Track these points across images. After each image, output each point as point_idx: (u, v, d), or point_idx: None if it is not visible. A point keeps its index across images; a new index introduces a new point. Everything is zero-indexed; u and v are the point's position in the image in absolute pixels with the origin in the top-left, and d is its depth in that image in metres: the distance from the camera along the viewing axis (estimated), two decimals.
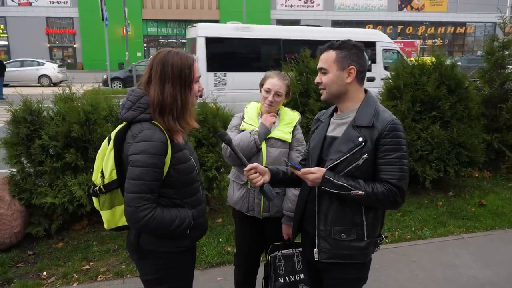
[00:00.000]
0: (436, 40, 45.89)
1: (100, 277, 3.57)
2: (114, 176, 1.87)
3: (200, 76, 1.96)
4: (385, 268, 3.80)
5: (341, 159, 1.91)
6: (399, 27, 44.51)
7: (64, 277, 3.56)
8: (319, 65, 2.00)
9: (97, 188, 1.90)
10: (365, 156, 1.88)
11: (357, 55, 1.95)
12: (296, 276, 2.59)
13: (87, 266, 3.73)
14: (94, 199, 1.96)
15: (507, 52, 6.58)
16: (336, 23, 42.80)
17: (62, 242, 4.18)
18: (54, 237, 4.21)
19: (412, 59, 6.00)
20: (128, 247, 2.03)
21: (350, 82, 1.95)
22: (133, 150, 1.78)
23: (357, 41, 2.00)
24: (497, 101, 6.49)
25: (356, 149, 1.88)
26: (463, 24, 45.46)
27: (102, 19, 17.85)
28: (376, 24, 43.99)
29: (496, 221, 4.86)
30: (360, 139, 1.88)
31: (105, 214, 1.96)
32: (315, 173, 1.90)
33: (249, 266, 2.90)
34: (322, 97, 2.04)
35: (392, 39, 14.64)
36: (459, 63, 14.16)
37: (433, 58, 5.72)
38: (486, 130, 6.26)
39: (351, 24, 43.59)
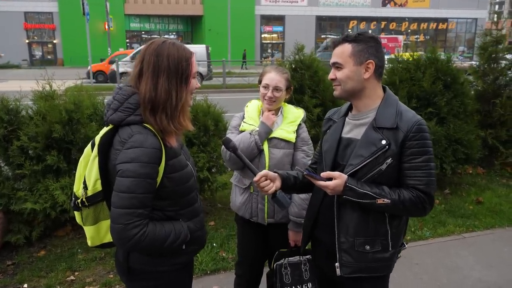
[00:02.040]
0: (419, 36, 46.32)
1: None
2: (99, 187, 1.62)
3: (197, 72, 1.73)
4: None
5: (362, 164, 1.72)
6: (383, 23, 44.80)
7: None
8: (333, 60, 1.80)
9: (79, 201, 1.65)
10: (389, 160, 1.70)
11: (376, 48, 1.77)
12: (304, 286, 2.40)
13: (72, 277, 3.47)
14: (75, 213, 1.71)
15: (500, 47, 6.50)
16: (320, 19, 42.86)
17: (44, 250, 3.89)
18: (35, 245, 3.93)
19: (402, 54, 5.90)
20: (117, 267, 1.79)
21: (368, 78, 1.77)
22: (123, 158, 1.53)
23: None
24: (491, 97, 6.40)
25: (379, 153, 1.70)
26: (445, 20, 45.97)
27: (83, 14, 17.39)
28: (360, 20, 44.17)
29: (495, 220, 4.76)
30: (384, 142, 1.70)
31: (88, 230, 1.71)
32: (336, 179, 1.70)
33: (252, 275, 2.70)
34: (335, 93, 1.84)
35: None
36: None
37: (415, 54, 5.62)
38: (479, 126, 6.16)
39: (335, 20, 43.73)
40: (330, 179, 1.72)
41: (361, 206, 1.74)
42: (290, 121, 2.48)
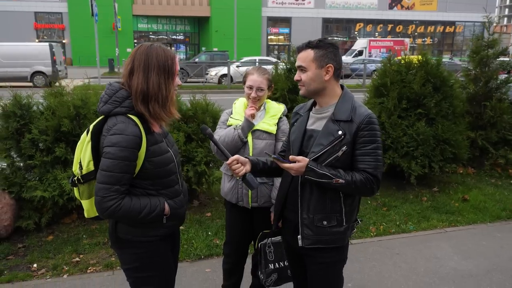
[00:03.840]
0: (425, 39, 46.36)
1: (90, 269, 3.63)
2: (92, 167, 1.92)
3: (179, 70, 2.04)
4: (369, 260, 3.90)
5: (322, 152, 2.02)
6: (389, 26, 44.87)
7: (54, 269, 3.61)
8: (297, 63, 2.10)
9: (76, 178, 1.96)
10: (344, 148, 2.00)
11: (334, 53, 2.05)
12: (286, 262, 2.68)
13: (77, 259, 3.78)
14: (74, 189, 2.03)
15: (491, 51, 6.72)
16: (327, 21, 43.04)
17: (52, 235, 4.21)
18: (44, 231, 4.24)
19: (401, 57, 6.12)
20: (109, 237, 2.10)
21: (328, 79, 2.06)
22: (107, 142, 1.84)
23: None
24: (482, 99, 6.62)
25: (336, 141, 2.00)
26: (452, 23, 45.99)
27: (92, 14, 17.76)
28: (366, 22, 44.30)
29: (478, 216, 4.99)
30: (340, 132, 1.99)
31: (85, 203, 2.03)
32: (300, 161, 1.99)
33: (238, 255, 2.99)
34: (301, 92, 2.14)
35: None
36: None
37: (419, 57, 5.85)
38: (470, 127, 6.40)
39: (342, 23, 43.88)
40: (294, 162, 2.01)
41: (320, 186, 2.03)
42: (272, 115, 2.79)
